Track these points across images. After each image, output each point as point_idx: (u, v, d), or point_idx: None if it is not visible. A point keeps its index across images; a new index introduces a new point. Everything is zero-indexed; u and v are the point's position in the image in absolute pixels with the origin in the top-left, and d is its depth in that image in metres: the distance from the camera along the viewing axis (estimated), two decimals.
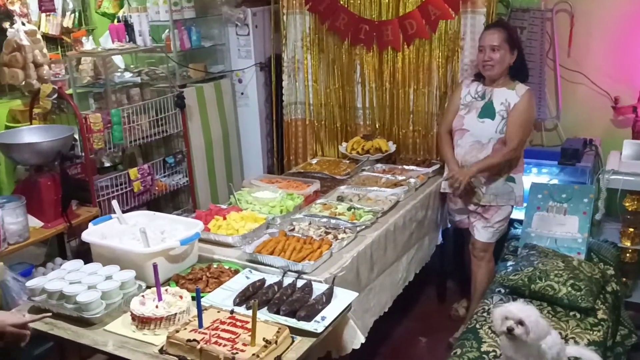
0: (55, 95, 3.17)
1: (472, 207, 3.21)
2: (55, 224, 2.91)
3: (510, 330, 2.04)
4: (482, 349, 2.42)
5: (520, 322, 2.04)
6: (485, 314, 2.65)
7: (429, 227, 3.38)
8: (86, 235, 2.41)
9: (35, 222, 2.86)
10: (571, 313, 2.60)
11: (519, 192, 3.16)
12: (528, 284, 2.69)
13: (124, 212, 2.65)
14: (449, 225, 3.58)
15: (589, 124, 3.77)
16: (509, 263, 2.97)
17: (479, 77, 3.19)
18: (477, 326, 2.58)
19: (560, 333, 2.43)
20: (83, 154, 3.21)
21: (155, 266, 1.98)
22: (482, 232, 3.20)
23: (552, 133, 3.93)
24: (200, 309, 1.86)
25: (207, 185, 4.19)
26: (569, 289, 2.61)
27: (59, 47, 5.03)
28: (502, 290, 2.81)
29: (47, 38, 4.88)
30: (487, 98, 3.11)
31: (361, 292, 2.58)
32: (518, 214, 3.37)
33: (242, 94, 4.35)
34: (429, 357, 3.20)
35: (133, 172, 3.47)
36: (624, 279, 3.40)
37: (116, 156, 3.96)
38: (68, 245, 3.23)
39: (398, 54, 3.65)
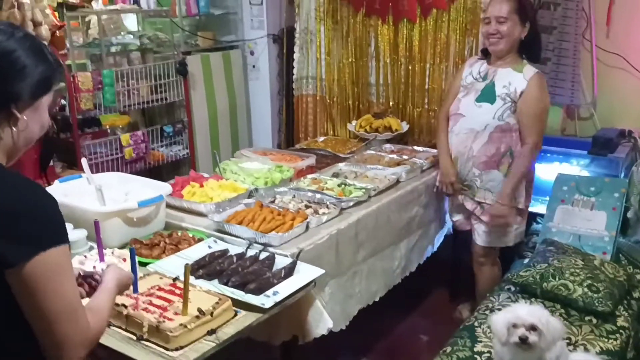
0: None
1: (469, 206, 2.82)
2: None
3: (524, 340, 1.73)
4: (475, 349, 2.13)
5: (533, 328, 1.74)
6: (487, 312, 2.35)
7: (436, 213, 3.06)
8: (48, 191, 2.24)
9: None
10: (586, 317, 2.28)
11: (521, 191, 2.72)
12: (540, 281, 2.38)
13: None
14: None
15: (628, 112, 3.36)
16: (526, 261, 2.66)
17: (485, 53, 2.78)
18: (475, 324, 2.28)
19: (569, 338, 2.14)
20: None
21: (96, 223, 1.76)
22: (481, 235, 2.82)
23: (587, 122, 3.54)
24: (135, 272, 1.63)
25: (209, 158, 3.99)
26: (586, 289, 2.29)
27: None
28: (512, 288, 2.51)
29: (68, 6, 4.80)
30: (489, 79, 2.69)
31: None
32: (540, 208, 3.03)
33: (253, 66, 4.13)
34: (426, 356, 2.88)
35: (125, 137, 3.30)
36: None
37: None
38: None
39: (414, 26, 3.38)
